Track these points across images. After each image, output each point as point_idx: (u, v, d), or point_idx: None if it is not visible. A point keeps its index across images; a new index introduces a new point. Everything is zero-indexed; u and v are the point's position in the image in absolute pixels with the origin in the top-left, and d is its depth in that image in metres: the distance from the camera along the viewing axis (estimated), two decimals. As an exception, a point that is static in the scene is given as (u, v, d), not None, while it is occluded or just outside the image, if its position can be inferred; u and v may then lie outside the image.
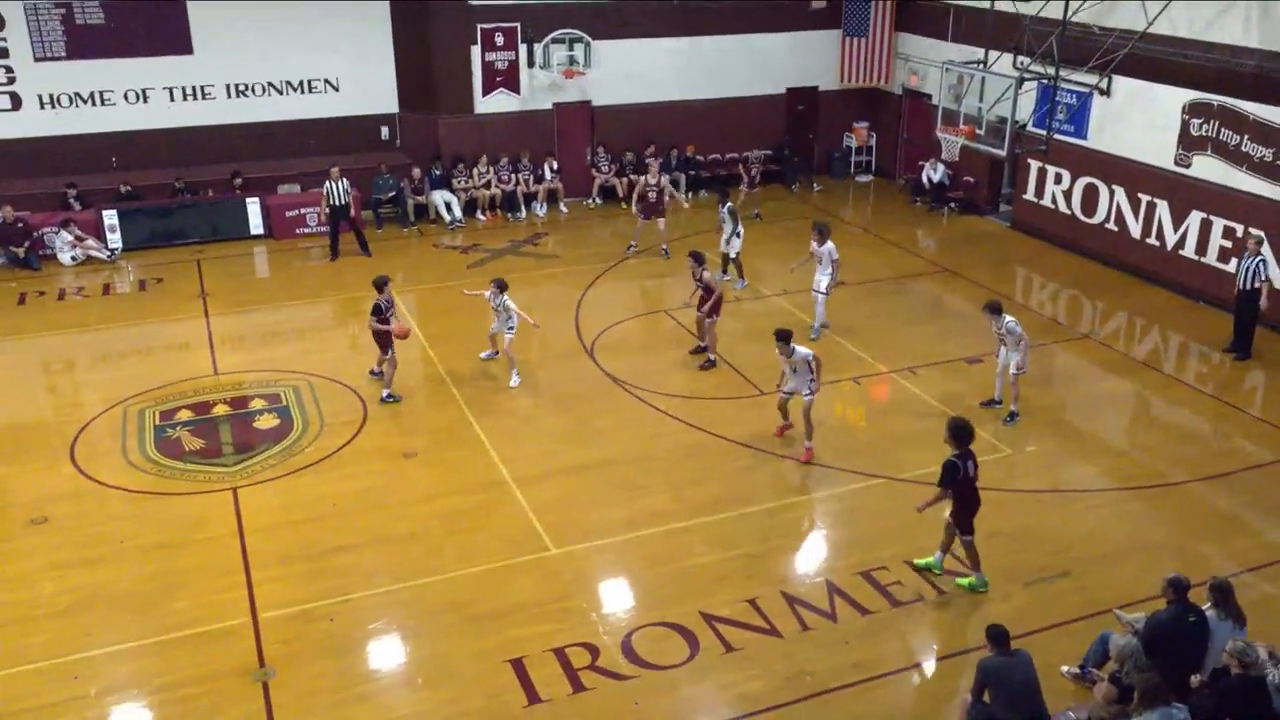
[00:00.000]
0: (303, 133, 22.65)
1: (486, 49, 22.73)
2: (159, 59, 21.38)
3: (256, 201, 21.39)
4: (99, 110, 21.33)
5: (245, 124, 22.20)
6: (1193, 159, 18.13)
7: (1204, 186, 17.90)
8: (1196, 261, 18.18)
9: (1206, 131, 17.78)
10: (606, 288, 18.89)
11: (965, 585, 10.75)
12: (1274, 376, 15.64)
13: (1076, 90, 19.56)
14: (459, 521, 11.91)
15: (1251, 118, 16.91)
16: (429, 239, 21.69)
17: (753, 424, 14.03)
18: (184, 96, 21.79)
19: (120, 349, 16.56)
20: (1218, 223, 17.70)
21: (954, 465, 10.29)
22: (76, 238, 20.06)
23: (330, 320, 17.79)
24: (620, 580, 11.05)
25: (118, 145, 21.62)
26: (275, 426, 14.00)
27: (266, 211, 21.43)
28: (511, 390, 14.98)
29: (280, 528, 11.77)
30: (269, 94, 22.31)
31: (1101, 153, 19.86)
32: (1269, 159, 16.73)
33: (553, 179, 23.44)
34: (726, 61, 24.37)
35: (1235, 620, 8.77)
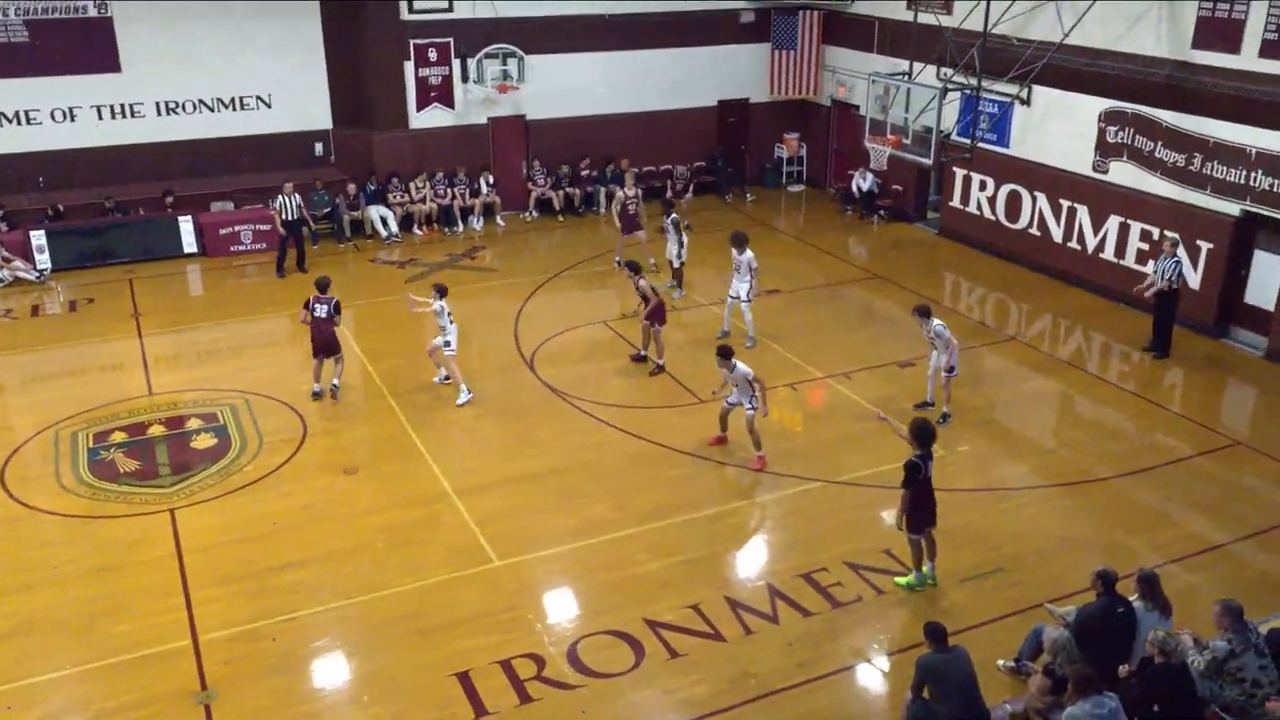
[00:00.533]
0: (235, 150, 22.30)
1: (420, 64, 22.59)
2: (86, 77, 20.89)
3: (189, 220, 21.01)
4: (25, 129, 20.80)
5: (176, 142, 21.78)
6: (1110, 165, 18.59)
7: (1121, 191, 18.36)
8: (1115, 264, 18.63)
9: (1122, 139, 18.25)
10: (545, 300, 18.85)
11: (904, 584, 10.89)
12: (1192, 374, 16.09)
13: (998, 100, 19.96)
14: (402, 536, 11.79)
15: (1164, 125, 17.39)
16: (365, 254, 21.47)
17: (693, 432, 14.08)
18: (113, 115, 21.33)
19: (51, 371, 16.16)
20: (1135, 226, 18.16)
21: (915, 465, 10.41)
22: (3, 259, 19.52)
23: (267, 337, 17.51)
24: (565, 590, 11.01)
25: (45, 165, 21.07)
26: (213, 446, 13.74)
27: (199, 230, 21.06)
28: (452, 403, 14.86)
29: (220, 548, 11.55)
30: (200, 111, 21.93)
31: (1023, 160, 20.28)
32: (1181, 164, 17.23)
33: (489, 193, 23.35)
34: (658, 75, 24.50)
35: (1161, 610, 8.99)
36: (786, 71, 25.32)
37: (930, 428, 10.60)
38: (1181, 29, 16.91)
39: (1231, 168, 16.40)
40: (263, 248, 21.19)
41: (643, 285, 15.49)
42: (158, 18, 20.90)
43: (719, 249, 21.33)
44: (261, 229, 21.22)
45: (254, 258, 21.03)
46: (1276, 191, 15.82)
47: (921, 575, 10.86)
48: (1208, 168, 16.77)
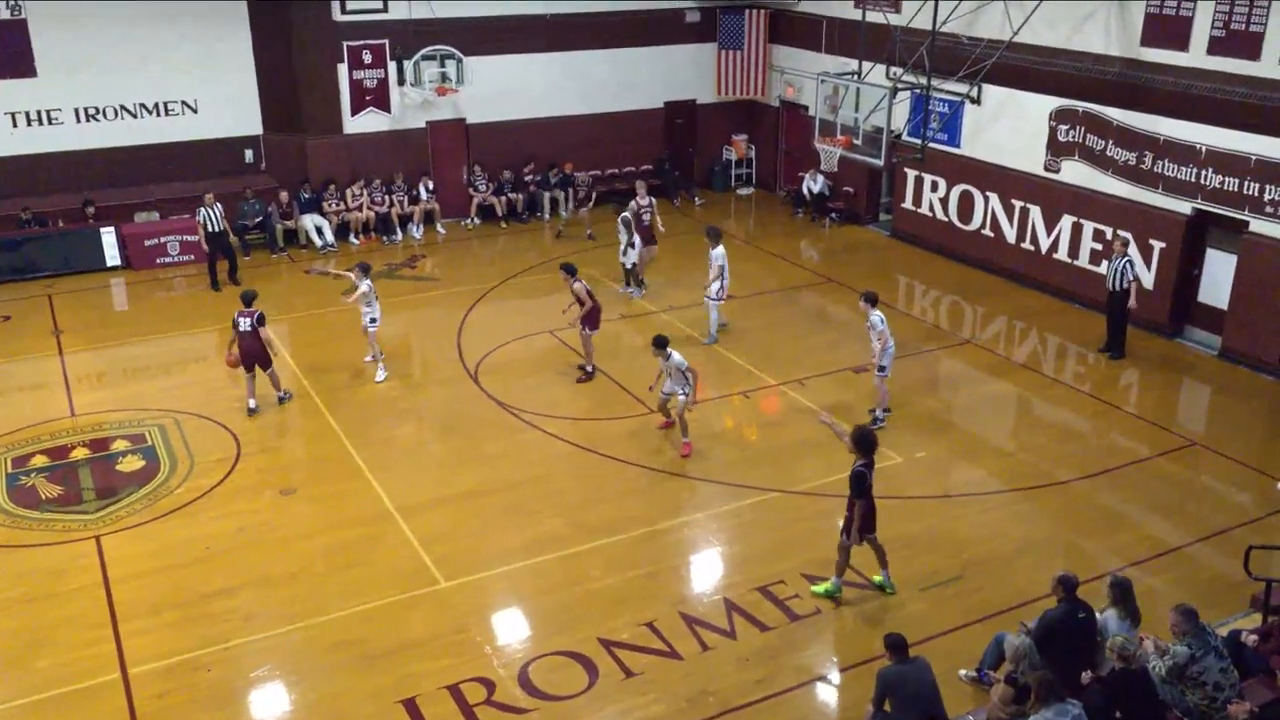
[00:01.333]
0: (160, 157, 21.93)
1: (354, 67, 22.42)
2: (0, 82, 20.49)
3: (112, 231, 20.64)
4: (-67, 138, 20.34)
5: (97, 149, 21.39)
6: (1061, 164, 18.94)
7: (1073, 191, 18.71)
8: (1069, 264, 18.97)
9: (1073, 137, 18.60)
10: (488, 310, 18.77)
11: (821, 591, 10.92)
12: (1147, 374, 16.41)
13: (948, 99, 20.26)
14: (343, 558, 11.66)
15: (1115, 123, 17.76)
16: (299, 264, 21.24)
17: (644, 443, 14.09)
18: (29, 122, 20.89)
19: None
20: (1087, 225, 18.51)
21: (862, 474, 10.49)
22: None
23: (197, 353, 17.24)
24: (515, 610, 10.96)
25: (-44, 175, 20.63)
26: (140, 468, 13.50)
27: (123, 241, 20.70)
28: (395, 418, 14.74)
29: (150, 575, 11.34)
30: (122, 117, 21.55)
31: (975, 160, 20.59)
32: (1132, 163, 17.60)
33: (428, 199, 23.22)
34: (603, 76, 24.54)
35: (1132, 618, 9.13)
36: (734, 72, 25.50)
37: (872, 435, 10.68)
38: (1130, 26, 17.28)
39: (1182, 165, 16.78)
40: (190, 259, 20.87)
41: (577, 288, 15.52)
42: (75, 19, 20.51)
43: (668, 254, 21.47)
44: (189, 240, 20.90)
45: (181, 270, 20.71)
46: (1227, 190, 16.21)
47: (839, 583, 10.89)
48: (1159, 166, 17.14)
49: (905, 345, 17.21)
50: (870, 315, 14.08)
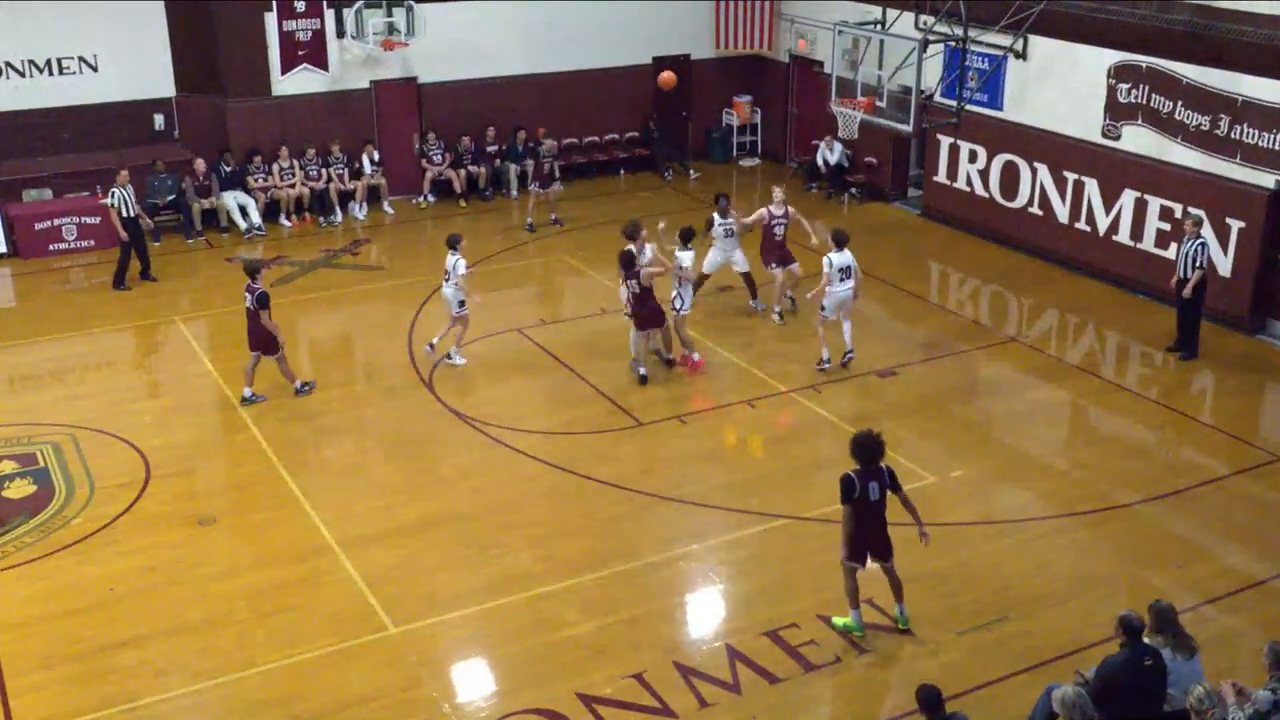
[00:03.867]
0: (53, 124, 21.88)
1: (284, 16, 22.38)
2: None
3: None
4: None
5: (-23, 115, 21.39)
6: (1122, 130, 19.01)
7: (1136, 161, 18.76)
8: (1131, 247, 19.02)
9: (1136, 98, 18.67)
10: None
11: (840, 625, 11.04)
12: (1224, 377, 16.49)
13: (988, 54, 20.31)
14: (273, 600, 11.64)
15: (1185, 81, 17.84)
16: (220, 252, 21.18)
17: (629, 461, 14.10)
18: (-107, 82, 20.89)
19: None
20: (1153, 202, 18.58)
21: (850, 480, 10.52)
22: None
23: (98, 358, 17.20)
24: (478, 660, 10.96)
25: None
26: (30, 495, 13.46)
27: (9, 224, 20.65)
28: (333, 434, 14.72)
29: (41, 622, 11.30)
30: (7, 76, 21.48)
31: (1020, 125, 20.64)
32: (1205, 128, 17.68)
33: (373, 173, 23.19)
34: (580, 27, 24.55)
35: (1184, 650, 9.19)
36: (735, 22, 25.53)
37: (871, 442, 10.63)
38: (1202, -33, 17.37)
39: (1265, 131, 16.87)
40: (90, 245, 20.82)
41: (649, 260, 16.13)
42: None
43: (658, 238, 21.49)
44: (89, 223, 20.85)
45: (79, 258, 20.64)
46: (1317, 159, 16.30)
47: (859, 615, 10.95)
48: (1237, 131, 17.21)
49: (938, 345, 17.31)
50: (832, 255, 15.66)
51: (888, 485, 10.67)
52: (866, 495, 10.54)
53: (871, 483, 10.56)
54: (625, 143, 25.79)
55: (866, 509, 10.60)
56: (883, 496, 10.65)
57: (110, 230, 19.64)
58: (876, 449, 10.61)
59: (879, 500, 10.62)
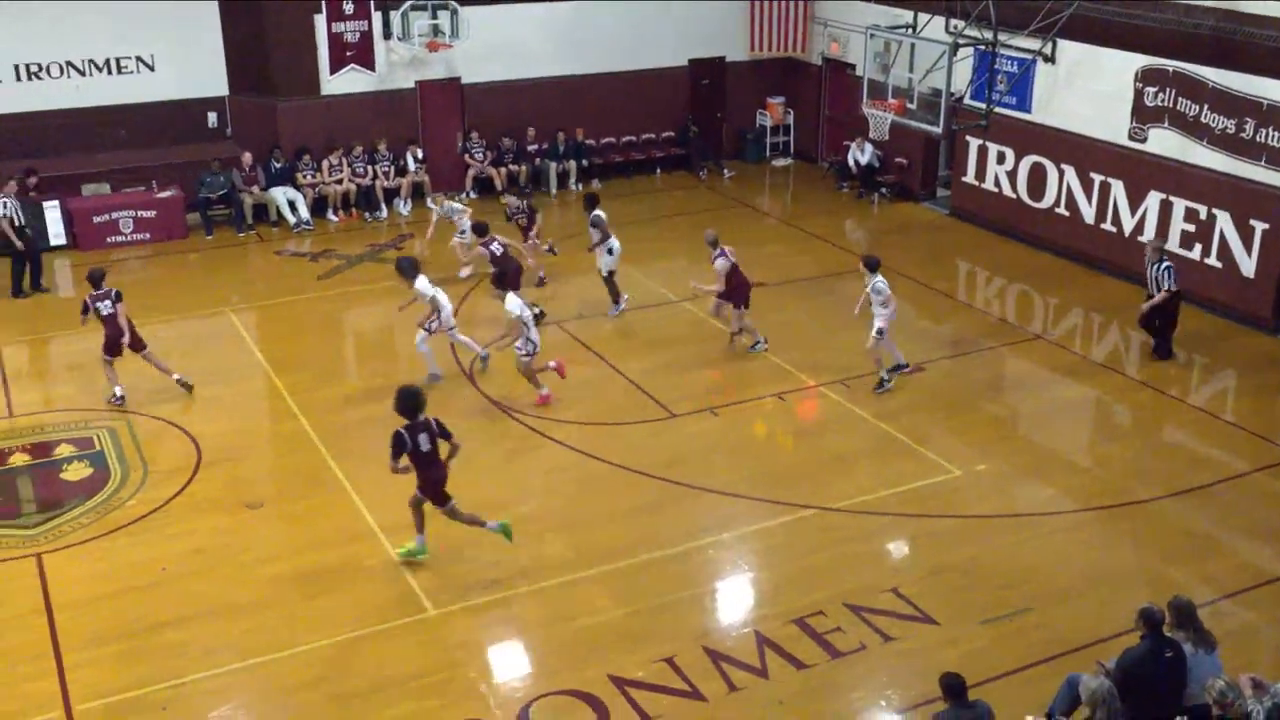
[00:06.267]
0: (112, 122, 22.08)
1: (333, 18, 22.49)
2: (-71, 35, 20.70)
3: (56, 205, 20.79)
4: None
5: (40, 112, 21.52)
6: (1148, 133, 18.83)
7: (1161, 163, 18.59)
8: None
9: (1162, 101, 18.49)
10: (485, 299, 18.77)
11: (404, 552, 11.80)
12: (1246, 376, 16.32)
13: (1018, 57, 20.17)
14: (317, 583, 11.71)
15: (1210, 85, 17.64)
16: (270, 245, 21.33)
17: (660, 451, 14.09)
18: (-42, 80, 21.12)
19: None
20: (1178, 204, 18.39)
21: (400, 437, 11.28)
22: None
23: (153, 347, 17.29)
24: (513, 643, 11.00)
25: (-123, 140, 20.84)
26: (88, 477, 13.60)
27: (69, 217, 20.84)
28: (377, 424, 14.75)
29: (97, 600, 11.42)
30: (69, 75, 21.69)
31: (1048, 127, 20.50)
32: (1231, 131, 17.48)
33: (417, 170, 23.28)
34: (618, 30, 24.54)
35: (1204, 645, 9.10)
36: (769, 25, 25.44)
37: (415, 396, 11.51)
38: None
39: (1289, 135, 16.69)
40: (146, 238, 21.04)
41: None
42: (15, -36, 20.70)
43: (694, 234, 21.44)
44: (145, 216, 21.08)
45: (135, 250, 20.85)
46: (1341, 162, 16.10)
47: (422, 539, 11.82)
48: (1262, 134, 17.01)
49: (965, 342, 17.22)
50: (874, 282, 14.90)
51: (437, 434, 11.51)
52: (418, 447, 11.35)
53: (421, 435, 11.36)
54: (662, 142, 25.76)
55: (421, 459, 11.41)
56: (434, 446, 11.48)
57: (167, 223, 19.78)
58: (419, 403, 11.49)
59: (431, 450, 11.44)
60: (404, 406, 11.45)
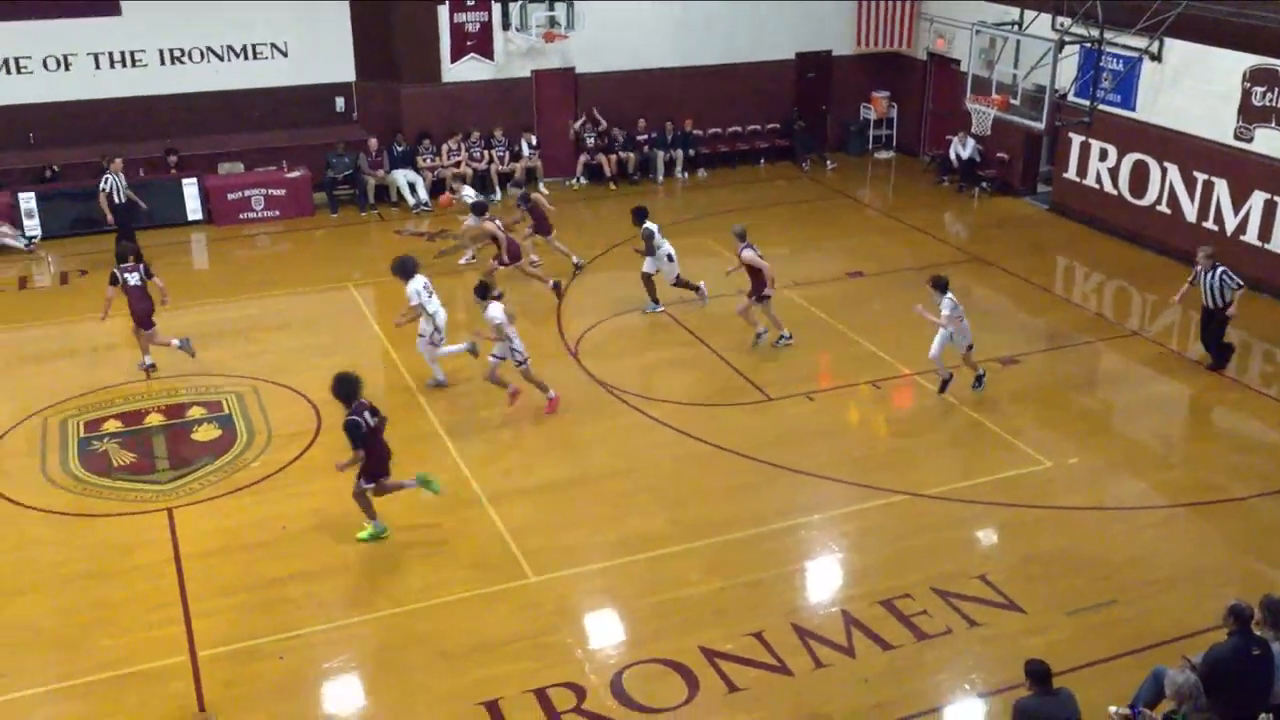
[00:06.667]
0: (246, 105, 22.61)
1: (455, 9, 22.71)
2: (83, 21, 21.31)
3: (194, 183, 21.35)
4: (14, 79, 21.25)
5: (181, 95, 22.13)
6: (1255, 132, 18.21)
7: (1267, 163, 17.97)
8: (1259, 248, 18.27)
9: (1270, 101, 17.86)
10: (592, 280, 18.89)
11: (364, 537, 11.79)
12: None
13: (1124, 55, 19.64)
14: (425, 545, 11.90)
15: (1321, 86, 17.01)
16: (390, 224, 21.66)
17: (757, 433, 14.04)
18: (111, 64, 21.74)
19: (39, 351, 16.51)
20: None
21: (356, 424, 11.33)
22: (-12, 222, 20.01)
23: (279, 318, 17.74)
24: (608, 611, 11.05)
25: (36, 118, 21.53)
26: (216, 438, 13.97)
27: (205, 194, 21.39)
28: (485, 398, 14.95)
29: (222, 553, 11.74)
30: (208, 60, 22.25)
31: (1152, 125, 19.94)
32: (1340, 132, 16.83)
33: (531, 156, 23.44)
34: (728, 24, 24.41)
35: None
36: (876, 20, 25.13)
37: (353, 380, 11.52)
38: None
39: (1401, 137, 16.02)
40: (276, 215, 21.51)
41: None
42: (162, -46, 21.24)
43: (796, 222, 21.36)
44: (275, 194, 21.55)
45: (266, 226, 21.34)
46: None
47: (381, 526, 11.85)
48: (1372, 136, 16.38)
49: (1060, 335, 16.87)
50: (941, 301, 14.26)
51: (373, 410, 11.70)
52: (367, 425, 11.48)
53: (366, 414, 11.50)
54: (766, 133, 25.61)
55: (369, 437, 11.49)
56: (378, 423, 11.70)
57: (296, 201, 20.22)
58: (359, 384, 11.59)
59: (376, 427, 11.65)
60: (344, 391, 11.50)
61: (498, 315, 13.96)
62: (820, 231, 21.26)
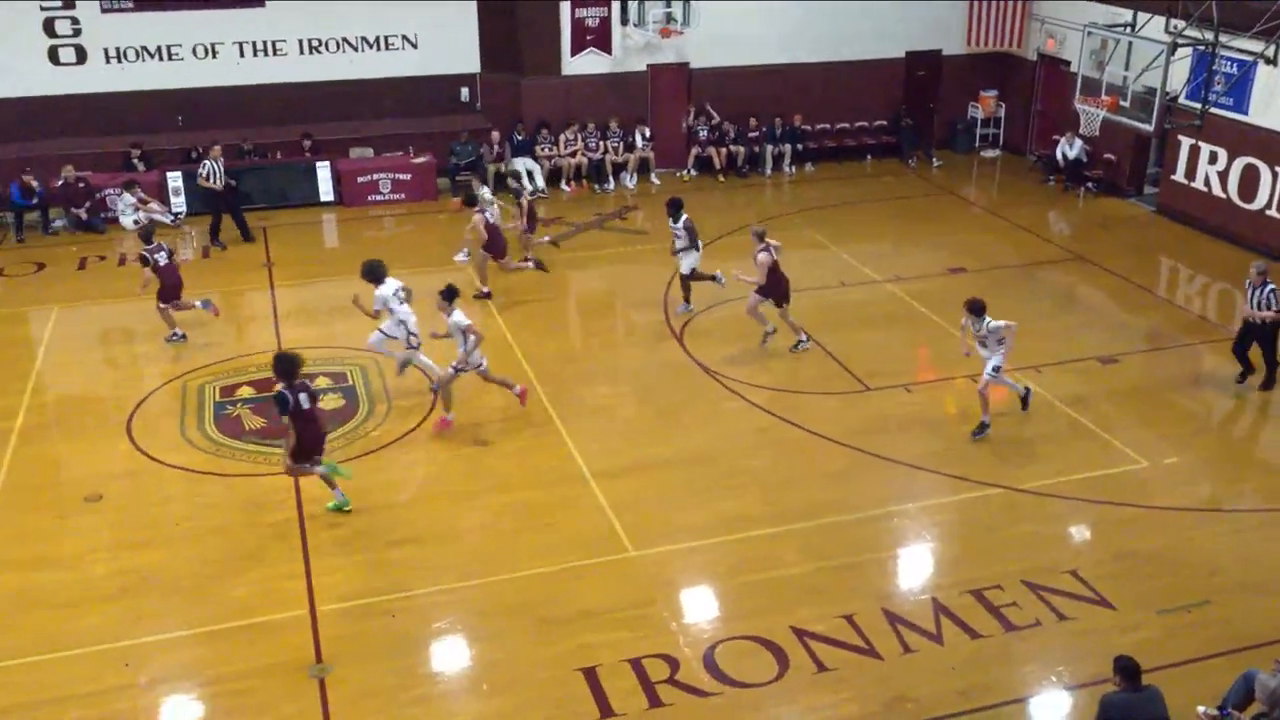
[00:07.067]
0: (377, 93, 23.05)
1: (577, 5, 22.82)
2: (229, 11, 21.94)
3: (327, 166, 21.84)
4: (166, 66, 21.98)
5: (317, 83, 22.66)
6: (1371, 139, 17.45)
7: (1384, 170, 17.23)
8: (1371, 255, 17.52)
9: (1389, 107, 17.10)
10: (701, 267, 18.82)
11: (333, 507, 11.87)
12: None
13: (1238, 59, 18.95)
14: (531, 517, 12.04)
15: None
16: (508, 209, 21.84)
17: (854, 421, 13.90)
18: (254, 52, 22.32)
19: (181, 319, 17.01)
20: (1398, 212, 17.02)
21: (284, 397, 11.39)
22: (140, 200, 20.71)
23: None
24: (704, 588, 11.06)
25: (184, 103, 22.24)
26: (340, 407, 14.28)
27: (337, 177, 21.86)
28: (593, 378, 15.04)
29: (342, 515, 12.03)
30: (343, 50, 22.72)
31: (1265, 129, 19.20)
32: None
33: (644, 147, 23.47)
34: (840, 23, 24.12)
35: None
36: (988, 20, 24.60)
37: (293, 359, 11.63)
38: None
39: None
40: (401, 198, 21.88)
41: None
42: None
43: (899, 217, 21.06)
44: (401, 178, 21.92)
45: (391, 208, 21.73)
46: None
47: (340, 493, 11.90)
48: None
49: (1162, 336, 16.40)
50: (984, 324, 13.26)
51: (312, 394, 11.75)
52: (299, 405, 11.49)
53: (301, 394, 11.52)
54: (874, 130, 25.27)
55: (301, 416, 11.52)
56: (313, 404, 11.70)
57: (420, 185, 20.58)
58: (296, 364, 11.64)
59: (311, 408, 11.64)
60: (283, 369, 11.58)
61: (461, 321, 13.31)
62: (923, 227, 20.93)
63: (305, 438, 11.68)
